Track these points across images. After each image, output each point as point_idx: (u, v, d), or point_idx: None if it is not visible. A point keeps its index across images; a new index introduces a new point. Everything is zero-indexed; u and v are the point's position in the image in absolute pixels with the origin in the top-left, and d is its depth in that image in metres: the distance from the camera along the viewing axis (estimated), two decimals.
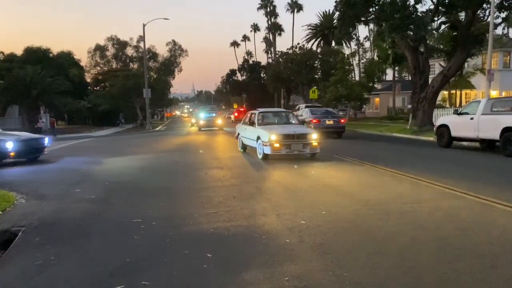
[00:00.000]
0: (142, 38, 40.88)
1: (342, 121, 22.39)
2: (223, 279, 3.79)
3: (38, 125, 29.57)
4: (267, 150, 11.49)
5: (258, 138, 12.13)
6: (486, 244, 4.60)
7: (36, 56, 42.33)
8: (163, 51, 57.33)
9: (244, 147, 14.29)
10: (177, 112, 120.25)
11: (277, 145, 11.35)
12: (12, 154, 12.32)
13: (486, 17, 21.71)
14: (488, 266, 3.97)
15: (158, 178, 9.66)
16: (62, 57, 47.08)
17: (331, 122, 21.28)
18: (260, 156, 12.04)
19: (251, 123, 13.46)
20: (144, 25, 36.69)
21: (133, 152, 15.91)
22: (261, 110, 14.12)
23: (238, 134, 14.89)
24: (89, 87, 51.70)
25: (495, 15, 19.50)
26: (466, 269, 3.89)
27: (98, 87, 50.65)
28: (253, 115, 13.77)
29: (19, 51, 45.42)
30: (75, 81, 43.14)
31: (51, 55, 46.19)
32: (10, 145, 12.17)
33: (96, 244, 4.92)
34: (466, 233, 4.99)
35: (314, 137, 11.79)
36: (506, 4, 20.30)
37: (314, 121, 20.96)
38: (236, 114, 50.14)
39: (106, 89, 45.69)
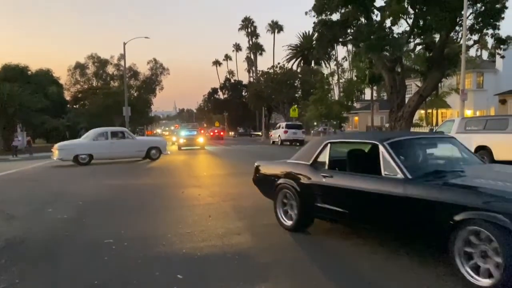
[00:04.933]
0: (123, 57, 40.87)
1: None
2: None
3: (13, 144, 28.97)
4: None
5: None
6: None
7: (13, 74, 41.66)
8: (144, 69, 57.32)
9: None
10: (158, 130, 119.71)
11: None
12: None
13: (459, 39, 22.46)
14: None
15: (134, 197, 9.52)
16: (40, 75, 46.44)
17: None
18: None
19: None
20: (124, 44, 36.64)
21: (108, 171, 15.69)
22: None
23: None
24: (68, 105, 51.09)
25: (467, 37, 20.18)
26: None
27: (77, 105, 50.14)
28: None
29: None
30: (54, 99, 42.58)
31: (29, 72, 45.57)
32: None
33: (64, 266, 4.79)
34: None
35: None
36: (477, 27, 21.08)
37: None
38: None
39: (86, 107, 45.27)
